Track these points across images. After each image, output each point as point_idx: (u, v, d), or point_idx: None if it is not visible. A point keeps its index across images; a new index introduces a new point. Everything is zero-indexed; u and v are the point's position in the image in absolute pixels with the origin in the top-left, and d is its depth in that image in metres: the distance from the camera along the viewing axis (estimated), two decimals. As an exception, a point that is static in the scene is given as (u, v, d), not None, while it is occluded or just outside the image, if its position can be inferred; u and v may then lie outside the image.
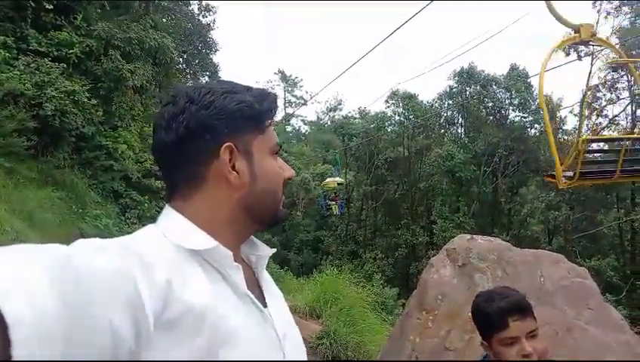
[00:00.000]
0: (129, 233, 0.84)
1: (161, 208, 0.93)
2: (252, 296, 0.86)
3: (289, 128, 45.09)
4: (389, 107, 33.26)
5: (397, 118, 28.88)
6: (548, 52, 6.67)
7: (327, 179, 22.73)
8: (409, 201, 26.57)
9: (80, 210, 11.35)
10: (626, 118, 21.00)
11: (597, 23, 19.67)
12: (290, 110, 43.88)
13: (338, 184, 22.12)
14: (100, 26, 12.44)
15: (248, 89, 0.94)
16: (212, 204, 0.89)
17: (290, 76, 42.96)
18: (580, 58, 19.58)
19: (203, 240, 0.83)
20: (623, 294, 16.84)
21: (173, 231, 0.84)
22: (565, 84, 46.39)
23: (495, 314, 1.67)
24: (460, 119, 27.71)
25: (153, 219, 0.90)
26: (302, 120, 45.43)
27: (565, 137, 23.01)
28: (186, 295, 0.72)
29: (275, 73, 44.78)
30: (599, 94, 20.78)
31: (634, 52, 19.35)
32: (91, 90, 11.88)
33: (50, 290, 0.56)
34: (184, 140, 0.87)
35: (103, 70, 12.58)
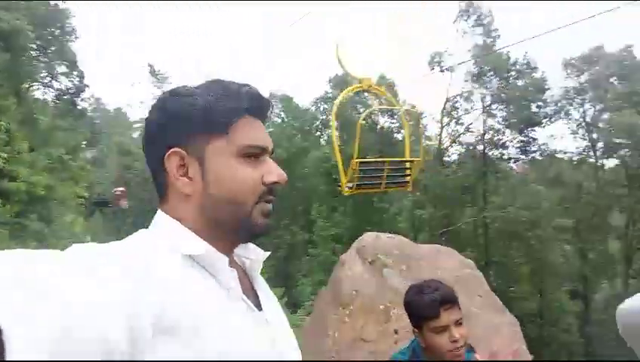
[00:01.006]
0: None
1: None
2: (247, 299, 0.85)
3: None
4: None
5: (276, 119, 29.19)
6: (336, 102, 8.90)
7: None
8: (288, 202, 27.05)
9: None
10: (479, 126, 23.83)
11: (455, 40, 22.21)
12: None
13: None
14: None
15: (218, 88, 0.88)
16: (180, 211, 0.86)
17: (159, 71, 40.80)
18: (442, 71, 21.98)
19: (197, 245, 0.82)
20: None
21: (167, 235, 0.83)
22: (429, 93, 50.97)
23: (427, 305, 1.79)
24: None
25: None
26: None
27: (428, 143, 25.44)
28: (183, 301, 0.72)
29: (143, 67, 42.14)
30: (457, 104, 23.41)
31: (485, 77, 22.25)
32: None
33: (46, 297, 0.57)
34: (146, 146, 0.89)
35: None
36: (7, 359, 0.51)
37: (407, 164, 8.63)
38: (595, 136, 23.17)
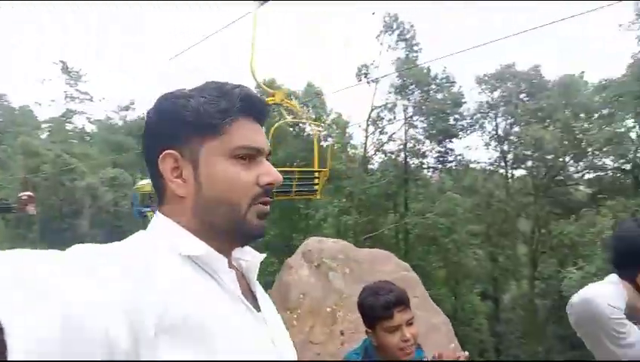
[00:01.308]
0: None
1: None
2: (246, 301, 0.86)
3: (70, 126, 40.14)
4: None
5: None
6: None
7: (142, 181, 18.87)
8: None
9: None
10: (402, 136, 24.80)
11: (380, 53, 23.04)
12: (72, 106, 39.09)
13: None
14: None
15: (210, 89, 0.88)
16: (176, 213, 0.87)
17: (72, 69, 38.24)
18: (368, 83, 22.69)
19: (197, 246, 0.82)
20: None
21: (166, 236, 0.83)
22: (356, 103, 52.32)
23: (382, 306, 1.86)
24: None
25: None
26: (87, 118, 40.76)
27: (353, 150, 26.09)
28: (184, 300, 0.72)
29: (55, 63, 39.21)
30: (381, 114, 24.23)
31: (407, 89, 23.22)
32: None
33: (47, 297, 0.57)
34: (144, 148, 0.90)
35: None
36: (9, 359, 0.51)
37: (316, 174, 9.33)
38: (505, 148, 24.84)
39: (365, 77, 22.80)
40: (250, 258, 0.95)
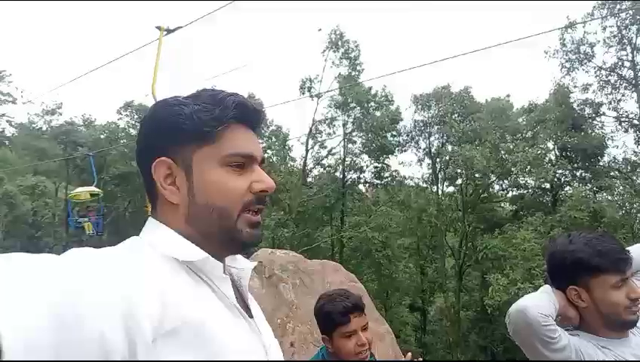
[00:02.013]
0: None
1: None
2: (239, 307, 0.86)
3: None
4: (120, 118, 31.43)
5: (132, 130, 27.46)
6: None
7: (78, 189, 17.36)
8: (143, 220, 25.47)
9: None
10: (340, 151, 25.19)
11: (323, 69, 23.39)
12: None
13: (92, 195, 16.63)
14: None
15: (204, 96, 0.88)
16: (168, 220, 0.87)
17: (-7, 68, 35.54)
18: (311, 97, 22.91)
19: (193, 252, 0.82)
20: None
21: (160, 242, 0.83)
22: (296, 116, 52.60)
23: (339, 312, 1.92)
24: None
25: None
26: (8, 120, 37.88)
27: (292, 163, 26.18)
28: (181, 305, 0.72)
29: None
30: (321, 129, 24.52)
31: (348, 106, 23.64)
32: None
33: (42, 301, 0.57)
34: (137, 156, 0.90)
35: None
36: (3, 359, 0.52)
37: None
38: (437, 165, 25.85)
39: (309, 91, 22.99)
40: (242, 266, 0.96)
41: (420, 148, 26.15)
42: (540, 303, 1.49)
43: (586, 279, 1.52)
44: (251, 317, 0.90)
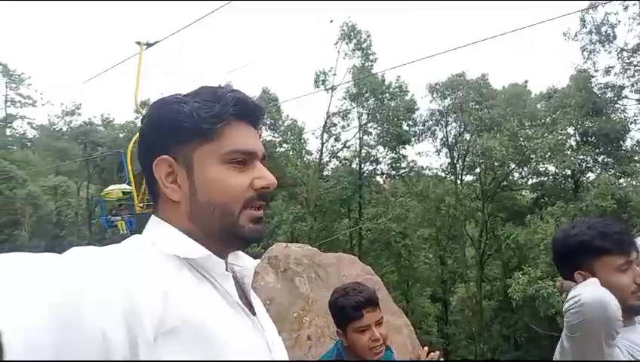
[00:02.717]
0: None
1: None
2: (242, 304, 0.86)
3: (9, 131, 38.02)
4: (138, 118, 31.79)
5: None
6: (129, 148, 11.90)
7: (110, 187, 16.79)
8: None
9: None
10: (356, 143, 25.09)
11: (337, 61, 23.25)
12: (13, 110, 37.09)
13: (124, 193, 16.09)
14: None
15: (204, 93, 0.88)
16: (170, 218, 0.86)
17: (14, 71, 36.30)
18: (326, 90, 22.82)
19: (196, 249, 0.82)
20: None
21: (162, 240, 0.82)
22: (311, 109, 52.74)
23: (352, 307, 1.92)
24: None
25: None
26: (29, 123, 38.71)
27: (308, 157, 26.17)
28: (183, 303, 0.72)
29: None
30: (336, 121, 24.42)
31: (362, 97, 23.52)
32: None
33: (43, 301, 0.57)
34: (139, 154, 0.91)
35: None
36: (5, 359, 0.52)
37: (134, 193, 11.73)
38: (455, 154, 25.53)
39: (323, 84, 22.92)
40: (245, 263, 0.96)
41: (437, 137, 25.90)
42: (611, 296, 1.40)
43: (590, 262, 1.48)
44: (254, 314, 0.90)
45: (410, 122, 25.14)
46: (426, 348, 2.25)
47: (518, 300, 16.51)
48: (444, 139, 25.76)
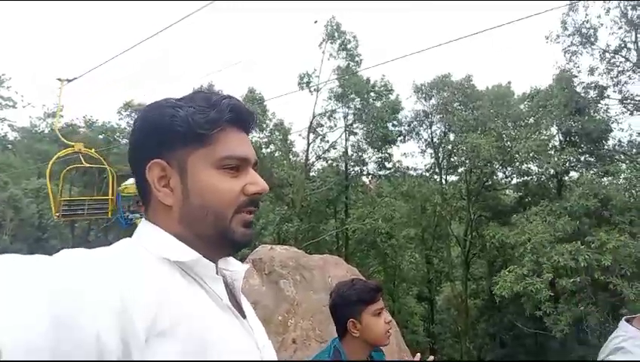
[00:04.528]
0: None
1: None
2: (232, 308, 0.87)
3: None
4: (122, 118, 31.48)
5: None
6: (50, 163, 13.81)
7: (129, 181, 15.17)
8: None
9: None
10: (342, 143, 25.09)
11: (322, 62, 23.21)
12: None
13: None
14: None
15: (199, 99, 0.88)
16: (162, 222, 0.87)
17: (-8, 71, 35.58)
18: (311, 91, 22.77)
19: (185, 252, 0.82)
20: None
21: (153, 243, 0.83)
22: (297, 109, 52.63)
23: (369, 290, 2.00)
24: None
25: None
26: (9, 125, 37.97)
27: (294, 158, 26.08)
28: (174, 306, 0.73)
29: None
30: (322, 122, 24.38)
31: (347, 97, 23.55)
32: None
33: (39, 302, 0.58)
34: (131, 156, 0.91)
35: None
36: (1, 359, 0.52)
37: (108, 201, 13.77)
38: (440, 155, 25.72)
39: (307, 85, 22.88)
40: (235, 268, 0.98)
41: (422, 138, 26.06)
42: None
43: None
44: (244, 317, 0.91)
45: (395, 122, 25.21)
46: (418, 354, 2.26)
47: (503, 298, 16.65)
48: (428, 140, 25.94)
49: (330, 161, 25.76)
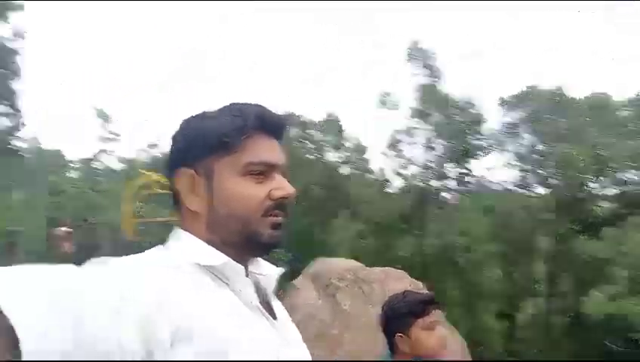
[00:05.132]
0: None
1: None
2: (264, 310, 0.88)
3: (97, 165, 40.76)
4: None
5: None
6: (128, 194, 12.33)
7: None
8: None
9: None
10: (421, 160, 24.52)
11: (401, 79, 23.13)
12: (102, 145, 39.82)
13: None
14: None
15: (227, 109, 0.92)
16: (191, 228, 0.90)
17: (103, 111, 39.05)
18: (390, 109, 22.80)
19: (214, 256, 0.85)
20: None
21: (184, 248, 0.87)
22: (376, 128, 52.36)
23: (417, 304, 1.91)
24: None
25: None
26: (116, 157, 41.32)
27: (371, 175, 26.04)
28: (203, 310, 0.75)
29: (88, 108, 40.41)
30: (399, 137, 24.18)
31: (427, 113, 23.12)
32: None
33: (62, 310, 0.62)
34: (165, 167, 0.95)
35: None
36: (23, 348, 0.56)
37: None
38: (527, 167, 24.45)
39: (383, 105, 22.88)
40: (267, 271, 0.97)
41: (506, 150, 24.95)
42: None
43: None
44: (275, 319, 0.91)
45: (478, 135, 24.43)
46: None
47: (590, 316, 15.29)
48: (513, 152, 24.88)
49: (408, 178, 25.37)
